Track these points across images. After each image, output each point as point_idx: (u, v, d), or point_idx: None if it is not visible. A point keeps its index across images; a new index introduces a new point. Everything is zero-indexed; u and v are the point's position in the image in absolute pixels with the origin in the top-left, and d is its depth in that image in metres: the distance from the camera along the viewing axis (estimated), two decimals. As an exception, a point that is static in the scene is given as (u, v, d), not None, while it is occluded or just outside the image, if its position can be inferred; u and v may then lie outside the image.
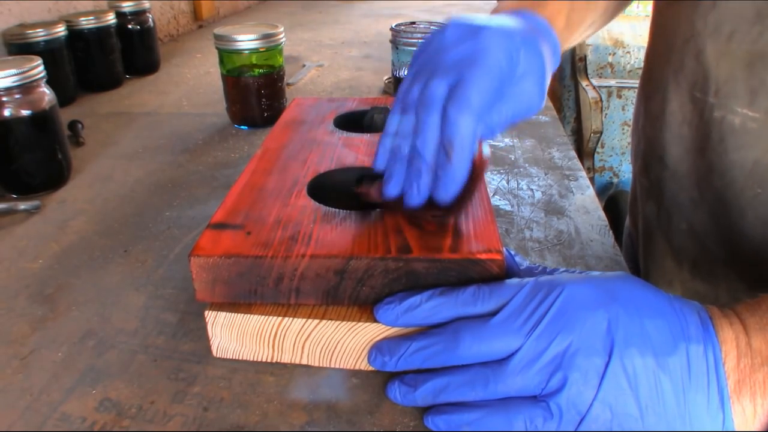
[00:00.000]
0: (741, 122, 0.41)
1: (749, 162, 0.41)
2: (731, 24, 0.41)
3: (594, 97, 1.61)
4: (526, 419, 0.30)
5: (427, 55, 0.38)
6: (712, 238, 0.47)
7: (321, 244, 0.36)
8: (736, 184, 0.43)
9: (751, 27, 0.40)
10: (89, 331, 0.41)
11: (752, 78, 0.40)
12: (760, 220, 0.42)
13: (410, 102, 0.37)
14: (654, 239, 0.55)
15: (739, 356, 0.29)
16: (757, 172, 0.41)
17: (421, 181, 0.35)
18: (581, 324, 0.30)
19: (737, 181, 0.43)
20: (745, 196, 0.42)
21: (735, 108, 0.41)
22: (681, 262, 0.52)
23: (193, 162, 0.69)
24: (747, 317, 0.30)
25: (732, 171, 0.43)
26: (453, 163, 0.34)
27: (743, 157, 0.42)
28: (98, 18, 0.90)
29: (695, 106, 0.45)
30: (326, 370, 0.37)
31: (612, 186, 1.78)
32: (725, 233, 0.45)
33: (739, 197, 0.43)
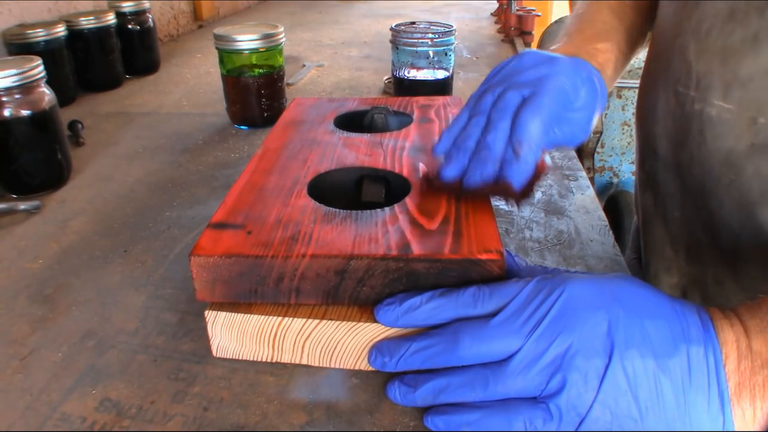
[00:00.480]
0: (717, 113, 0.43)
1: (724, 151, 0.44)
2: (709, 21, 0.43)
3: (594, 97, 1.60)
4: (525, 420, 0.30)
5: (504, 74, 0.44)
6: (698, 224, 0.49)
7: (321, 244, 0.36)
8: (714, 172, 0.45)
9: (725, 24, 0.42)
10: (89, 331, 0.41)
11: (726, 72, 0.43)
12: (736, 206, 0.44)
13: (482, 107, 0.42)
14: (653, 228, 0.57)
15: (739, 358, 0.29)
16: (731, 160, 0.43)
17: (486, 169, 0.40)
18: (581, 325, 0.30)
19: (714, 170, 0.45)
20: (722, 184, 0.44)
21: (712, 100, 0.44)
22: (677, 248, 0.53)
23: (193, 162, 0.69)
24: (747, 319, 0.30)
25: (710, 160, 0.45)
26: (521, 159, 0.39)
27: (719, 146, 0.44)
28: (98, 18, 0.90)
29: (678, 100, 0.47)
30: (326, 370, 0.37)
31: (612, 186, 1.78)
32: (707, 220, 0.47)
33: (717, 185, 0.45)
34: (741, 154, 0.43)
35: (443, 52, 0.77)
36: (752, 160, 0.42)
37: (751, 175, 0.42)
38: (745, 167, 0.42)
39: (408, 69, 0.78)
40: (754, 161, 0.42)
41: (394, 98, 0.62)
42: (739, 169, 0.43)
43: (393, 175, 0.45)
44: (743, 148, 0.42)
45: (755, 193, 0.42)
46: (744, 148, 0.42)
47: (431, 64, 0.77)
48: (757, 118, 0.41)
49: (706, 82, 0.44)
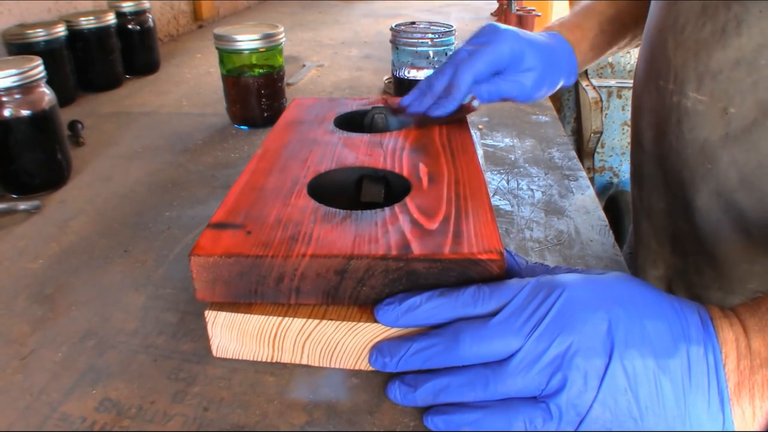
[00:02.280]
0: (692, 105, 0.46)
1: (700, 141, 0.46)
2: (684, 17, 0.46)
3: (594, 97, 1.61)
4: (525, 420, 0.30)
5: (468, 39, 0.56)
6: (679, 215, 0.51)
7: (321, 244, 0.36)
8: (690, 162, 0.47)
9: (698, 19, 0.45)
10: (89, 331, 0.41)
11: (698, 64, 0.45)
12: (714, 195, 0.46)
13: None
14: (640, 221, 0.59)
15: (739, 358, 0.29)
16: (706, 150, 0.45)
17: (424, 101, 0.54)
18: (582, 325, 0.30)
19: (691, 159, 0.47)
20: (699, 173, 0.46)
21: (687, 92, 0.46)
22: (661, 241, 0.55)
23: (193, 162, 0.69)
24: (747, 318, 0.30)
25: (687, 150, 0.47)
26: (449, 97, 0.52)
27: (695, 137, 0.46)
28: (98, 18, 0.90)
29: (659, 93, 0.50)
30: (326, 370, 0.37)
31: (612, 186, 1.78)
32: (687, 210, 0.49)
33: (694, 174, 0.47)
34: (715, 144, 0.44)
35: (443, 52, 0.77)
36: (727, 149, 0.44)
37: (727, 164, 0.44)
38: (720, 157, 0.44)
39: (408, 69, 0.78)
40: (729, 150, 0.44)
41: (394, 98, 0.62)
42: (715, 159, 0.45)
43: (393, 175, 0.45)
44: (717, 138, 0.44)
45: (733, 181, 0.44)
46: (718, 138, 0.44)
47: (431, 64, 0.77)
48: (728, 108, 0.43)
49: (683, 75, 0.46)
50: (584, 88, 1.63)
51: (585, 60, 0.60)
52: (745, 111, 0.42)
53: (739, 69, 0.42)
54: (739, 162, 0.43)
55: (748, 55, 0.41)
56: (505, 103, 0.57)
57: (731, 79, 0.43)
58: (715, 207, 0.46)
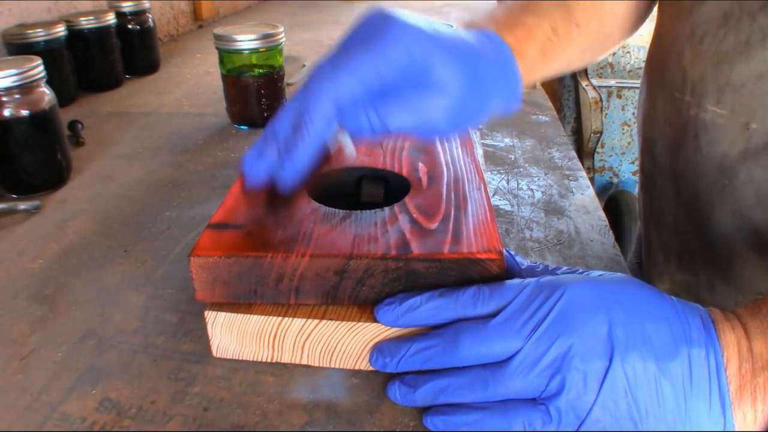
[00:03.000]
0: (711, 119, 0.44)
1: (718, 156, 0.44)
2: (703, 27, 0.44)
3: (594, 97, 1.61)
4: (524, 421, 0.30)
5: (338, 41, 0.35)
6: (690, 231, 0.49)
7: (321, 244, 0.36)
8: (707, 177, 0.45)
9: (718, 29, 0.42)
10: (89, 331, 0.41)
11: (719, 77, 0.43)
12: (728, 211, 0.44)
13: None
14: (649, 233, 0.57)
15: (740, 361, 0.29)
16: (724, 165, 0.44)
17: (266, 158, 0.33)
18: (582, 327, 0.30)
19: (708, 175, 0.45)
20: (716, 189, 0.45)
21: (706, 105, 0.44)
22: (668, 255, 0.54)
23: (193, 162, 0.69)
24: (748, 320, 0.30)
25: (704, 165, 0.45)
26: (295, 141, 0.32)
27: (713, 151, 0.44)
28: (98, 18, 0.90)
29: (675, 105, 0.47)
30: (326, 370, 0.37)
31: (612, 186, 1.78)
32: (700, 225, 0.48)
33: (711, 190, 0.45)
34: (734, 159, 0.43)
35: (443, 52, 0.77)
36: (745, 165, 0.42)
37: (744, 181, 0.43)
38: (738, 172, 0.43)
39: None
40: (747, 166, 0.42)
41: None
42: (733, 174, 0.43)
43: (392, 175, 0.45)
44: (736, 153, 0.43)
45: (750, 198, 0.43)
46: (737, 153, 0.42)
47: (431, 64, 0.77)
48: (750, 124, 0.41)
49: (701, 88, 0.44)
50: (584, 88, 1.63)
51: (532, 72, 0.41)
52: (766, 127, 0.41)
53: (764, 83, 0.40)
54: (757, 179, 0.42)
55: None
56: None
57: (754, 93, 0.41)
58: (730, 224, 0.44)
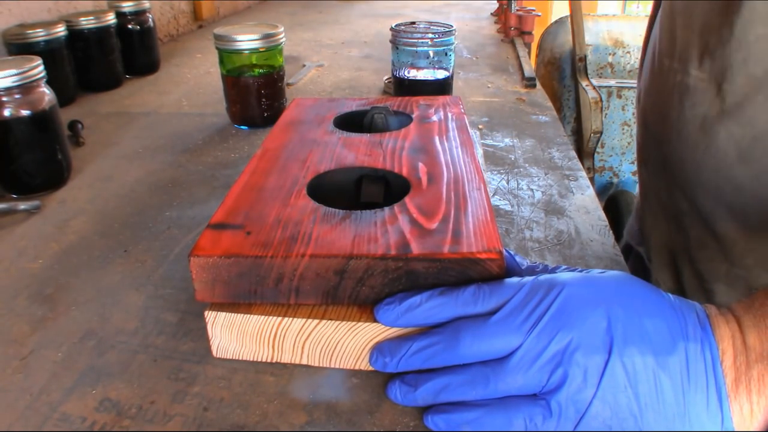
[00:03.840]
0: (693, 83, 0.47)
1: (699, 117, 0.47)
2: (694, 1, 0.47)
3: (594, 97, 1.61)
4: (525, 417, 0.30)
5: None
6: (679, 194, 0.52)
7: (321, 244, 0.36)
8: (690, 139, 0.48)
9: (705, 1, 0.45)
10: (89, 331, 0.41)
11: (701, 43, 0.46)
12: (712, 171, 0.47)
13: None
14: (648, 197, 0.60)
15: (735, 354, 0.29)
16: (705, 126, 0.46)
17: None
18: (581, 322, 0.30)
19: (691, 137, 0.48)
20: (699, 149, 0.48)
21: (690, 70, 0.47)
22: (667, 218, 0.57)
23: (193, 162, 0.69)
24: (742, 314, 0.30)
25: (687, 127, 0.48)
26: None
27: (695, 114, 0.47)
28: (98, 18, 0.90)
29: (663, 72, 0.51)
30: (326, 370, 0.37)
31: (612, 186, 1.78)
32: (687, 188, 0.50)
33: (695, 151, 0.48)
34: (713, 119, 0.46)
35: (443, 52, 0.77)
36: (723, 125, 0.45)
37: (725, 139, 0.45)
38: (718, 132, 0.46)
39: (408, 69, 0.78)
40: (725, 125, 0.45)
41: (394, 98, 0.62)
42: (714, 134, 0.46)
43: (392, 175, 0.45)
44: (714, 113, 0.46)
45: (731, 157, 0.45)
46: (715, 113, 0.45)
47: (431, 64, 0.77)
48: (722, 84, 0.44)
49: (687, 54, 0.48)
50: (584, 88, 1.62)
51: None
52: (737, 87, 0.44)
53: (730, 45, 0.43)
54: (736, 136, 0.44)
55: (739, 32, 0.42)
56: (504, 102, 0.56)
57: (724, 56, 0.44)
58: (714, 184, 0.47)
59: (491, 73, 1.04)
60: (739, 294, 0.51)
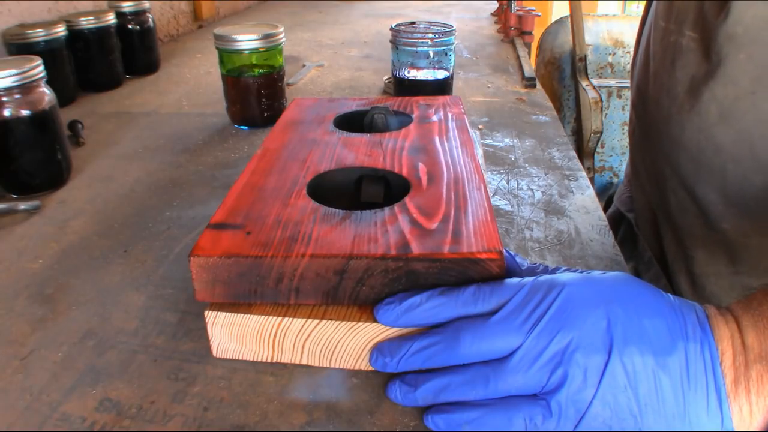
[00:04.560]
0: (686, 43, 0.48)
1: (688, 78, 0.48)
2: None
3: (594, 97, 1.61)
4: (525, 417, 0.30)
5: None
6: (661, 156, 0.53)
7: (321, 244, 0.36)
8: (678, 100, 0.49)
9: None
10: (89, 331, 0.41)
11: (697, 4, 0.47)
12: (696, 130, 0.48)
13: None
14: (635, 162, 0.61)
15: (734, 354, 0.29)
16: (692, 87, 0.47)
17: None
18: (581, 322, 0.30)
19: (679, 98, 0.49)
20: (685, 110, 0.48)
21: (684, 31, 0.48)
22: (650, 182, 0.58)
23: (193, 162, 0.69)
24: (740, 314, 0.31)
25: (676, 88, 0.49)
26: None
27: (685, 74, 0.48)
28: (98, 18, 0.90)
29: (659, 34, 0.52)
30: (326, 370, 0.37)
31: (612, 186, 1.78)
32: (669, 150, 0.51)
33: (680, 111, 0.49)
34: (700, 80, 0.47)
35: (443, 52, 0.77)
36: (708, 86, 0.46)
37: (708, 100, 0.46)
38: (702, 92, 0.46)
39: (408, 69, 0.78)
40: (710, 86, 0.46)
41: (394, 98, 0.62)
42: (699, 94, 0.47)
43: (392, 175, 0.45)
44: (702, 74, 0.46)
45: (713, 115, 0.46)
46: (702, 74, 0.46)
47: (431, 64, 0.77)
48: (711, 45, 0.45)
49: (683, 15, 0.48)
50: (584, 88, 1.62)
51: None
52: (719, 46, 0.44)
53: (714, 7, 0.44)
54: (719, 96, 0.45)
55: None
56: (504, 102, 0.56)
57: (709, 16, 0.45)
58: (695, 144, 0.48)
59: (491, 73, 1.04)
60: (718, 262, 0.52)
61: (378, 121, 0.55)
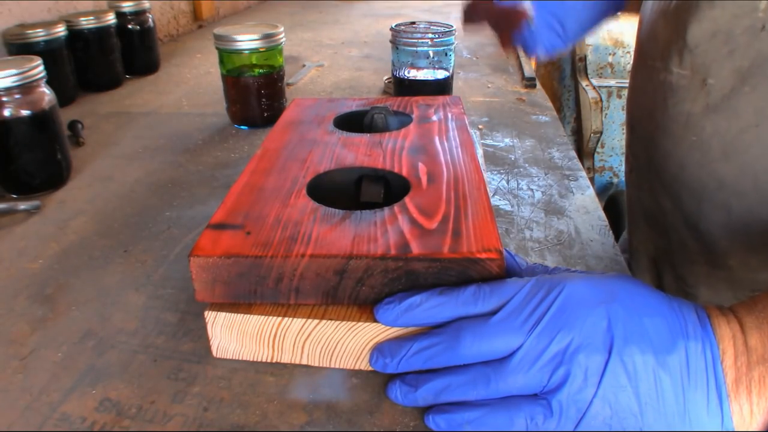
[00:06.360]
0: (676, 80, 0.47)
1: (684, 114, 0.47)
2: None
3: (594, 97, 1.61)
4: (526, 417, 0.30)
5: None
6: (661, 192, 0.52)
7: (320, 244, 0.36)
8: (676, 136, 0.48)
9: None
10: (89, 331, 0.41)
11: (679, 39, 0.46)
12: (697, 166, 0.47)
13: None
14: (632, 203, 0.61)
15: (735, 354, 0.29)
16: (690, 122, 0.47)
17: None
18: (582, 322, 0.30)
19: (676, 134, 0.48)
20: (684, 146, 0.48)
21: (671, 68, 0.47)
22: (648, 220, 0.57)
23: (193, 162, 0.69)
24: (743, 315, 0.30)
25: (672, 125, 0.48)
26: None
27: (679, 110, 0.47)
28: (98, 18, 0.90)
29: (648, 73, 0.51)
30: (326, 370, 0.37)
31: (612, 186, 1.78)
32: (670, 186, 0.51)
33: (679, 148, 0.48)
34: (698, 115, 0.46)
35: (443, 52, 0.77)
36: (709, 120, 0.45)
37: (710, 134, 0.45)
38: (704, 127, 0.46)
39: (408, 69, 0.78)
40: (711, 120, 0.45)
41: (394, 98, 0.62)
42: (699, 130, 0.46)
43: (392, 175, 0.45)
44: (699, 109, 0.46)
45: (716, 151, 0.45)
46: (700, 109, 0.45)
47: (431, 64, 0.77)
48: (707, 80, 0.44)
49: (667, 51, 0.48)
50: (584, 88, 1.63)
51: None
52: (723, 81, 0.43)
53: (716, 40, 0.43)
54: (721, 131, 0.44)
55: (724, 26, 0.42)
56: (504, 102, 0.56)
57: (708, 51, 0.44)
58: (697, 180, 0.47)
59: (491, 73, 1.04)
60: (721, 297, 0.51)
61: (378, 121, 0.55)
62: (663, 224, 0.54)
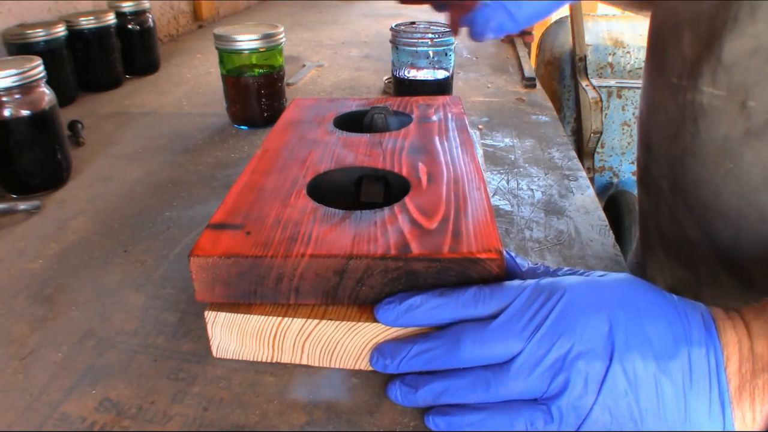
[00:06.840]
0: (708, 101, 0.43)
1: (719, 138, 0.43)
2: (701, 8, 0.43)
3: (594, 97, 1.61)
4: (526, 421, 0.30)
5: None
6: (689, 221, 0.48)
7: (320, 244, 0.36)
8: (709, 162, 0.44)
9: (711, 8, 0.42)
10: (89, 331, 0.41)
11: (711, 56, 0.42)
12: (734, 196, 0.43)
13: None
14: (647, 228, 0.56)
15: (740, 360, 0.29)
16: (727, 147, 0.42)
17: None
18: (582, 327, 0.30)
19: (710, 159, 0.44)
20: (719, 174, 0.43)
21: (702, 88, 0.43)
22: (668, 249, 0.53)
23: (193, 162, 0.69)
24: (751, 320, 0.30)
25: (704, 149, 0.44)
26: None
27: (713, 134, 0.43)
28: (98, 18, 0.90)
29: (672, 91, 0.46)
30: (326, 370, 0.37)
31: (612, 186, 1.78)
32: (701, 215, 0.46)
33: (713, 175, 0.44)
34: (737, 141, 0.41)
35: (443, 52, 0.77)
36: (750, 146, 0.41)
37: (751, 162, 0.41)
38: (743, 154, 0.41)
39: (408, 69, 0.78)
40: (753, 146, 0.41)
41: (394, 98, 0.62)
42: (737, 157, 0.42)
43: (392, 174, 0.45)
44: (738, 134, 0.41)
45: (757, 180, 0.41)
46: (739, 134, 0.41)
47: (431, 64, 0.77)
48: (747, 102, 0.40)
49: (696, 70, 0.43)
50: (584, 88, 1.62)
51: None
52: (765, 103, 0.39)
53: (757, 58, 0.39)
54: (763, 158, 0.40)
55: (766, 42, 0.38)
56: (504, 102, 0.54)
57: (748, 70, 0.40)
58: (735, 210, 0.43)
59: (491, 73, 1.04)
60: None
61: (378, 121, 0.55)
62: (689, 256, 0.49)
